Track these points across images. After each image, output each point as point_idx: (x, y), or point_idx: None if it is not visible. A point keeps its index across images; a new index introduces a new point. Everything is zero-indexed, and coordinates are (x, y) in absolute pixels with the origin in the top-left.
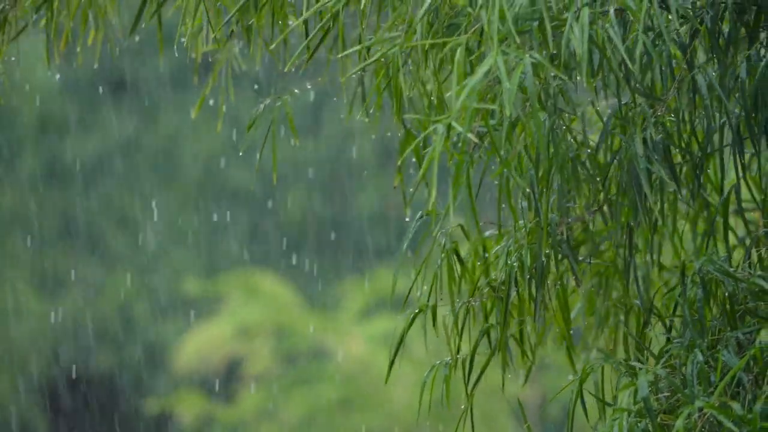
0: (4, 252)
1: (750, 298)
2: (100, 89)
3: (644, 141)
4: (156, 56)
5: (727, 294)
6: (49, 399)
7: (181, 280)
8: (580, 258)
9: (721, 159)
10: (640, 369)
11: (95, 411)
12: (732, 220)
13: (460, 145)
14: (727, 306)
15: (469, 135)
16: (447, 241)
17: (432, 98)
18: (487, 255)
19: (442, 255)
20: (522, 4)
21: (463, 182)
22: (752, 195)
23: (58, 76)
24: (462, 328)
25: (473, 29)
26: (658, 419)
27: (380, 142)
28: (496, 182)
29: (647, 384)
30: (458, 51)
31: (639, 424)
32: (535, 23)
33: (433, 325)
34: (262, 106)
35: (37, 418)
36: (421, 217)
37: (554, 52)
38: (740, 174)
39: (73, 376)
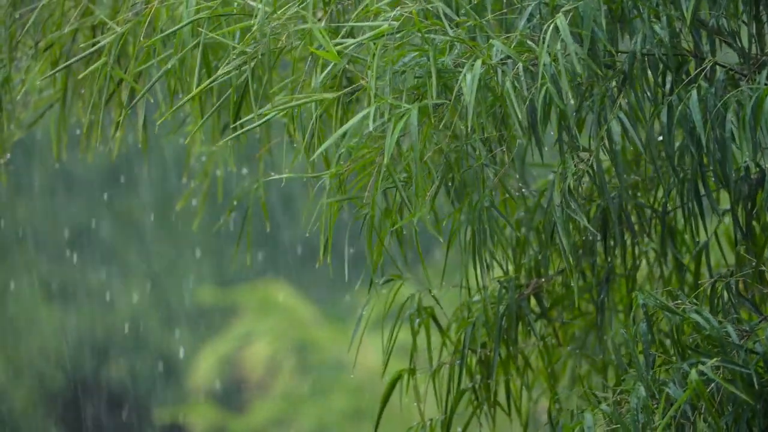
0: (15, 262)
1: (692, 333)
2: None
3: (568, 191)
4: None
5: (671, 327)
6: (61, 409)
7: (193, 291)
8: (558, 316)
9: (684, 215)
10: (591, 407)
11: (107, 421)
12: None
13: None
14: (676, 339)
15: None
16: (420, 308)
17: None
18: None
19: (418, 321)
20: (420, 63)
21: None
22: (721, 252)
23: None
24: (449, 387)
25: (355, 85)
26: None
27: None
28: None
29: (594, 420)
30: (339, 107)
31: None
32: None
33: (407, 390)
34: (238, 189)
35: (49, 429)
36: (389, 280)
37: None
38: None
39: (85, 386)
